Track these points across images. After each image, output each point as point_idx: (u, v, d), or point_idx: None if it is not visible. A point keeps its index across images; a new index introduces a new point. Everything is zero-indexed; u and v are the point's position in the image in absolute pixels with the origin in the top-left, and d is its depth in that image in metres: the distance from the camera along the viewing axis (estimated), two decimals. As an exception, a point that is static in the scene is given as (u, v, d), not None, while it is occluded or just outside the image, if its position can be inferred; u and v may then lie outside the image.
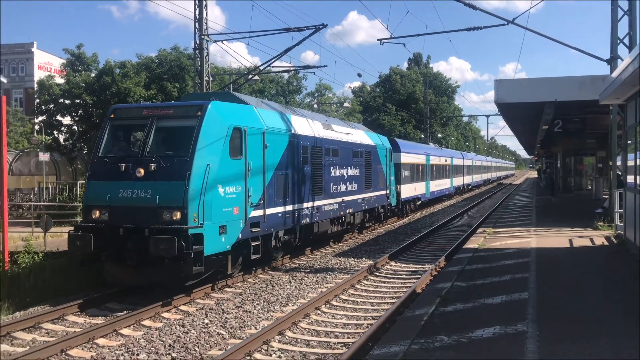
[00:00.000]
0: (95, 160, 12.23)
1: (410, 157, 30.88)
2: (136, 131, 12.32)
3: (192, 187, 10.96)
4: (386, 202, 24.89)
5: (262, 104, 15.57)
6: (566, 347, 6.97)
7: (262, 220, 13.43)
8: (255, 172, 13.13)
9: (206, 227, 11.09)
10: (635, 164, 14.07)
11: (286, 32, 22.10)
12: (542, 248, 14.98)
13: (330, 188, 18.08)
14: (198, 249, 10.77)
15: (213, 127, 11.79)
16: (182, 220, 10.87)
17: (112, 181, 11.50)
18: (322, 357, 8.61)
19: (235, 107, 13.28)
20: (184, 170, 11.05)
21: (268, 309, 11.32)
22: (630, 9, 18.18)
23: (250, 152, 12.87)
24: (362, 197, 21.33)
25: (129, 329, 9.98)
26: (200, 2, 23.07)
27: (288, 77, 48.32)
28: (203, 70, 23.45)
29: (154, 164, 11.25)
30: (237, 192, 12.33)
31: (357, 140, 21.27)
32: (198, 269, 10.85)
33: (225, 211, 11.87)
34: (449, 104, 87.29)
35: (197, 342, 9.25)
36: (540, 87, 20.73)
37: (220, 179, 11.69)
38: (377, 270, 15.13)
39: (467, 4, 18.74)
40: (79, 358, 8.51)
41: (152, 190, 11.09)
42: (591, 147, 35.71)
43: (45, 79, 35.16)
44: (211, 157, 11.51)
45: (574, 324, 7.98)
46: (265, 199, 13.60)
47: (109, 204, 11.35)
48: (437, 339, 7.45)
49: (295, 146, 15.56)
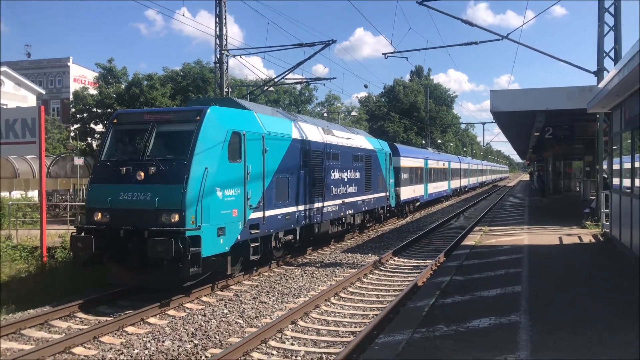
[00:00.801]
0: (98, 164, 11.71)
1: (409, 161, 30.47)
2: (138, 135, 11.62)
3: (189, 190, 10.40)
4: (386, 203, 24.33)
5: (263, 109, 15.12)
6: (556, 336, 6.94)
7: (261, 222, 12.85)
8: (255, 175, 12.56)
9: (204, 229, 10.53)
10: (621, 168, 13.97)
11: (299, 47, 22.18)
12: (534, 245, 14.89)
13: (330, 190, 17.51)
14: (195, 250, 10.20)
15: (212, 131, 11.21)
16: (180, 222, 10.30)
17: (113, 184, 10.96)
18: (331, 344, 8.60)
19: (234, 112, 12.62)
20: (182, 173, 10.50)
21: (282, 300, 11.32)
22: (616, 24, 18.09)
23: (249, 156, 12.30)
24: (362, 199, 20.76)
25: (155, 318, 10.02)
26: (220, 20, 23.19)
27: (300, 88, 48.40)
28: (223, 82, 23.53)
29: (153, 167, 10.71)
30: (236, 195, 11.74)
31: (358, 145, 20.72)
32: (195, 271, 10.28)
33: (224, 213, 11.27)
34: (448, 113, 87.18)
35: (217, 330, 9.27)
36: (532, 97, 20.63)
37: (218, 182, 11.09)
38: (382, 265, 15.10)
39: (464, 21, 18.77)
40: (110, 344, 8.55)
41: (152, 193, 10.54)
42: (579, 152, 35.52)
43: (80, 90, 35.48)
44: (210, 161, 10.92)
45: (563, 316, 7.92)
46: (265, 201, 13.02)
47: (110, 206, 10.82)
48: (437, 328, 7.43)
49: (295, 150, 15.03)
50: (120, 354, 8.10)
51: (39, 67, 64.67)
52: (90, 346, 8.48)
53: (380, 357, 6.43)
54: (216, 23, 23.28)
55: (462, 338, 6.99)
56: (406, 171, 29.29)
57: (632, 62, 9.35)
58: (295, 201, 14.91)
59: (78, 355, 8.08)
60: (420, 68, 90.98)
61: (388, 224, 26.25)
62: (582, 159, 37.89)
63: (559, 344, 6.63)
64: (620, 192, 13.58)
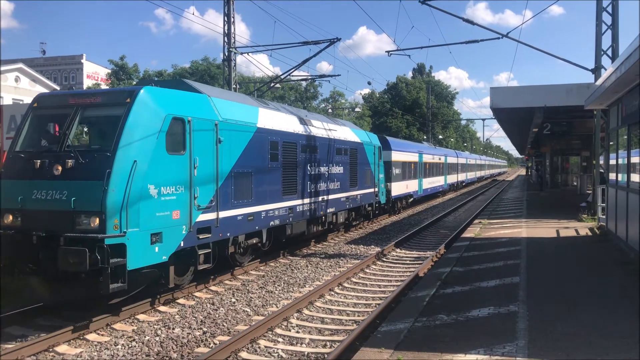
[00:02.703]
0: (10, 156, 9.41)
1: (401, 155, 28.56)
2: (60, 121, 9.14)
3: (112, 188, 8.24)
4: (374, 200, 21.86)
5: (224, 93, 12.87)
6: (553, 325, 6.94)
7: (214, 224, 10.58)
8: (205, 170, 10.31)
9: (131, 235, 8.39)
10: (617, 163, 13.92)
11: (304, 45, 22.10)
12: (532, 237, 14.87)
13: (307, 187, 15.17)
14: (118, 262, 8.19)
15: (145, 116, 9.00)
16: (99, 227, 8.16)
17: (25, 180, 8.81)
18: (335, 332, 8.62)
19: (177, 94, 10.16)
20: (104, 167, 8.35)
21: (288, 290, 11.35)
22: (614, 23, 17.99)
23: (197, 147, 10.02)
24: (346, 196, 18.45)
25: (166, 306, 10.06)
26: (229, 19, 23.16)
27: (306, 85, 48.34)
28: (231, 79, 23.52)
29: (71, 160, 8.57)
30: (178, 194, 9.48)
31: (342, 137, 18.35)
32: (119, 286, 8.25)
33: (160, 216, 9.03)
34: (449, 109, 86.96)
35: (225, 318, 9.31)
36: (531, 94, 20.56)
37: (152, 178, 8.86)
38: (384, 257, 15.11)
39: (466, 20, 18.68)
40: (122, 331, 8.60)
41: (68, 191, 8.41)
42: (576, 147, 35.41)
43: (93, 86, 35.54)
44: (140, 152, 8.71)
45: (560, 305, 7.92)
46: (219, 200, 10.74)
47: (21, 207, 8.68)
48: (438, 317, 7.44)
49: (262, 141, 12.67)
50: (132, 341, 8.15)
51: (53, 63, 64.87)
52: (103, 333, 8.53)
53: (382, 344, 6.44)
54: (224, 22, 23.28)
55: (462, 327, 7.00)
56: (398, 165, 27.57)
57: (629, 60, 9.31)
58: (261, 199, 12.64)
59: (92, 342, 8.13)
60: (422, 65, 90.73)
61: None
62: (579, 154, 37.78)
63: (556, 333, 6.63)
64: (616, 187, 13.54)
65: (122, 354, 7.66)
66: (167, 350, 7.79)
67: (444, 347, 6.26)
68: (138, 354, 7.65)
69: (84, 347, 7.93)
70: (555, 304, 8.05)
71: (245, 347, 7.82)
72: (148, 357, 7.58)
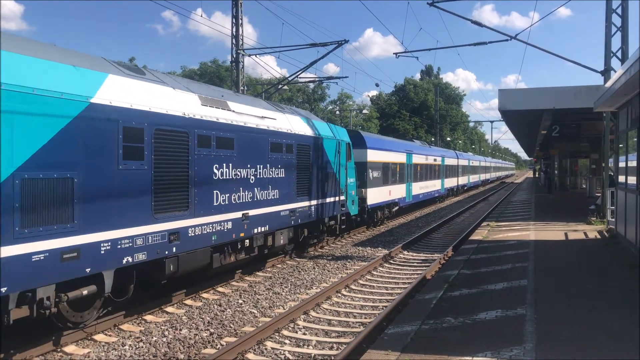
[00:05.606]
0: None
1: (381, 154, 23.63)
2: None
3: None
4: (340, 211, 17.23)
5: (37, 46, 7.59)
6: (560, 328, 6.89)
7: None
8: None
9: None
10: (626, 166, 13.81)
11: (312, 47, 22.16)
12: (540, 240, 14.79)
13: (212, 198, 10.47)
14: None
15: None
16: None
17: None
18: (342, 334, 8.61)
19: None
20: None
21: (294, 292, 11.35)
22: (623, 25, 17.87)
23: None
24: (290, 208, 13.69)
25: (173, 307, 10.09)
26: (237, 21, 23.22)
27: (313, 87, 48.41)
28: (239, 81, 23.57)
29: None
30: None
31: (283, 129, 13.53)
32: None
33: None
34: (457, 111, 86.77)
35: (232, 319, 9.32)
36: (540, 96, 20.45)
37: None
38: (392, 259, 15.08)
39: (474, 22, 18.65)
40: (129, 331, 8.64)
41: None
42: (585, 150, 35.15)
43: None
44: None
45: (568, 309, 7.87)
46: None
47: None
48: (445, 320, 7.41)
49: (101, 127, 7.90)
50: (139, 341, 8.18)
51: (63, 65, 65.15)
52: (111, 333, 8.56)
53: (389, 347, 6.43)
54: (232, 24, 23.33)
55: (469, 330, 6.97)
56: (377, 167, 22.74)
57: (639, 61, 9.24)
58: (98, 223, 7.82)
59: (99, 342, 8.17)
60: (430, 67, 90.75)
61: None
62: (588, 156, 37.50)
63: (564, 336, 6.59)
64: (626, 190, 13.44)
65: (130, 354, 7.69)
66: (174, 351, 7.82)
67: (451, 350, 6.23)
68: (145, 355, 7.68)
69: (91, 347, 7.97)
70: (563, 307, 8.00)
71: (252, 349, 7.83)
72: (155, 358, 7.61)
